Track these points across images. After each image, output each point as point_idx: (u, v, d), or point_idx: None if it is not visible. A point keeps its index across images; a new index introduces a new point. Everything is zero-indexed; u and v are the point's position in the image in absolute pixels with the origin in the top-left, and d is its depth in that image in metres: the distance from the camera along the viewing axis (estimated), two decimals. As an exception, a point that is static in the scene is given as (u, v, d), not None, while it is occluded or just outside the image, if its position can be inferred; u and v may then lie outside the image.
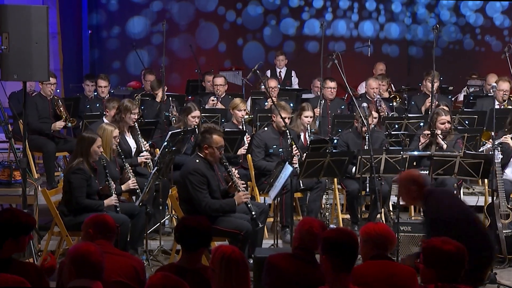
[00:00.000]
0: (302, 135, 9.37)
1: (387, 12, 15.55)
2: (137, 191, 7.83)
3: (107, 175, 7.43)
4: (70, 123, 9.91)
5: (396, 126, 9.74)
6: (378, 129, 9.13)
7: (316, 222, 5.07)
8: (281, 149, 8.83)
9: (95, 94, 11.18)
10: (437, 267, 4.19)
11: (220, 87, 10.93)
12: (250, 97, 11.33)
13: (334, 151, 8.75)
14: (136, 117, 8.74)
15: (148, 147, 8.81)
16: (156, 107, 10.47)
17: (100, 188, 7.39)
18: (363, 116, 8.21)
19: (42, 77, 7.06)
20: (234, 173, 7.45)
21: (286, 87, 12.33)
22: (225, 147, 7.57)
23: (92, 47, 14.89)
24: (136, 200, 7.77)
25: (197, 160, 7.26)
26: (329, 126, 10.41)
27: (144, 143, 8.75)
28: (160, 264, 7.58)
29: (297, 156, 8.52)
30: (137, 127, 8.74)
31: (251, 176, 8.90)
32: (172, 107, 10.12)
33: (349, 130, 9.16)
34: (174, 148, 8.03)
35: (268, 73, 12.87)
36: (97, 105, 10.78)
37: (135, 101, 9.75)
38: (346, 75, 8.42)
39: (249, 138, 9.25)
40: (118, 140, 8.05)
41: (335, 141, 9.27)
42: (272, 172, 8.29)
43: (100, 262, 4.22)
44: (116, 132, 7.93)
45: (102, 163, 7.41)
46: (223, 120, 9.90)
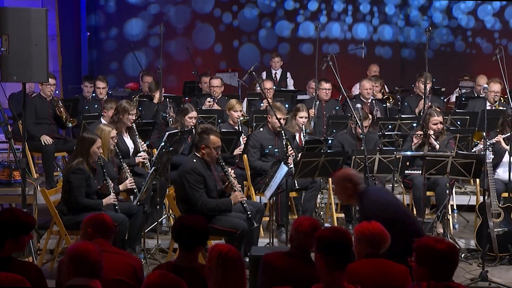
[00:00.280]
0: (297, 135, 9.37)
1: (381, 14, 15.56)
2: (134, 191, 7.83)
3: (105, 174, 7.44)
4: (70, 123, 9.93)
5: (390, 126, 9.76)
6: (372, 130, 9.14)
7: (308, 221, 5.07)
8: (276, 149, 8.84)
9: (94, 95, 11.18)
10: (429, 265, 4.19)
11: (217, 89, 10.93)
12: (246, 98, 11.34)
13: (328, 151, 8.76)
14: (134, 118, 8.75)
15: (146, 147, 8.82)
16: (154, 108, 10.48)
17: (99, 187, 7.40)
18: (357, 117, 8.22)
19: (41, 78, 7.05)
20: (231, 173, 7.48)
21: (281, 89, 12.35)
22: (221, 147, 7.58)
23: (91, 48, 14.88)
24: (134, 200, 7.77)
25: (194, 160, 7.27)
26: (323, 126, 10.42)
27: (141, 143, 8.75)
28: (157, 262, 7.58)
29: (292, 156, 8.53)
30: (134, 128, 8.74)
31: (247, 176, 8.89)
32: (169, 108, 10.12)
33: (344, 131, 9.17)
34: (171, 149, 8.02)
35: (264, 74, 12.88)
36: (95, 106, 10.78)
37: (133, 102, 9.75)
38: (340, 77, 8.42)
39: (245, 138, 9.25)
40: (116, 140, 8.05)
41: (330, 141, 9.27)
42: (267, 172, 8.32)
43: (98, 261, 4.22)
44: (113, 133, 7.93)
45: (99, 162, 7.41)
46: (219, 120, 9.90)
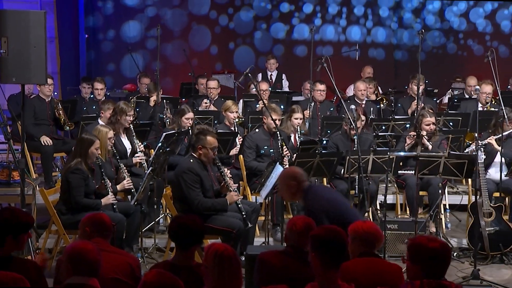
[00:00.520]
0: (292, 136, 9.38)
1: (375, 16, 15.56)
2: (132, 191, 7.83)
3: (103, 174, 7.45)
4: (68, 127, 9.93)
5: (383, 127, 9.77)
6: (367, 131, 9.14)
7: (302, 220, 5.08)
8: (272, 149, 8.85)
9: (92, 96, 11.17)
10: (422, 263, 4.20)
11: (213, 90, 10.93)
12: (242, 99, 11.34)
13: (323, 151, 8.76)
14: (131, 119, 8.75)
15: (143, 148, 8.82)
16: (150, 110, 10.47)
17: (97, 187, 7.40)
18: (351, 118, 8.23)
19: (40, 80, 7.04)
20: (227, 173, 7.48)
21: (277, 90, 12.35)
22: (217, 148, 7.58)
23: (88, 49, 14.86)
24: (132, 200, 7.78)
25: (191, 160, 7.28)
26: (318, 127, 10.43)
27: (139, 144, 8.75)
28: (154, 261, 7.58)
29: (287, 156, 8.54)
30: (132, 129, 8.75)
31: (243, 176, 8.90)
32: (166, 109, 10.12)
33: (339, 132, 9.17)
34: (168, 149, 8.03)
35: (260, 76, 12.88)
36: (93, 107, 10.77)
37: (131, 103, 9.75)
38: (334, 78, 8.43)
39: (241, 139, 9.25)
40: (113, 141, 8.05)
41: (324, 142, 9.28)
42: (263, 172, 8.32)
43: (96, 260, 4.22)
44: (110, 134, 7.94)
45: (97, 163, 7.42)
46: (215, 121, 9.90)
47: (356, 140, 8.05)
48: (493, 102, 10.55)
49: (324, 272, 4.24)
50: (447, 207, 9.22)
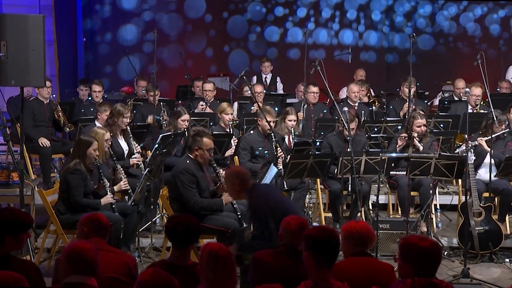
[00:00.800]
0: (286, 138, 9.37)
1: (367, 20, 15.56)
2: (129, 192, 7.82)
3: (101, 175, 7.45)
4: (68, 128, 9.93)
5: (376, 129, 9.79)
6: (360, 132, 9.15)
7: (296, 220, 5.09)
8: (266, 151, 8.85)
9: (89, 98, 11.15)
10: (413, 262, 4.21)
11: (209, 93, 10.94)
12: (237, 101, 11.33)
13: (316, 153, 8.77)
14: (128, 120, 8.75)
15: (140, 149, 8.82)
16: (148, 111, 10.47)
17: (95, 187, 7.40)
18: (344, 120, 8.24)
19: (38, 82, 7.04)
20: (222, 174, 7.48)
21: (271, 92, 12.35)
22: (213, 149, 7.58)
23: (86, 52, 14.84)
24: (129, 200, 7.77)
25: (187, 161, 7.28)
26: (312, 129, 10.43)
27: (136, 145, 8.74)
28: (151, 260, 7.57)
29: (281, 158, 8.55)
30: (129, 130, 8.74)
31: (238, 177, 8.88)
32: (163, 111, 10.11)
33: (333, 133, 9.18)
34: (164, 150, 8.03)
35: (255, 78, 12.88)
36: (91, 109, 10.74)
37: (128, 105, 9.74)
38: (328, 81, 8.44)
39: (236, 140, 9.25)
40: (110, 143, 8.04)
41: (318, 143, 9.29)
42: (258, 173, 8.31)
43: (95, 259, 4.22)
44: (107, 136, 7.93)
45: (95, 163, 7.42)
46: (211, 123, 9.90)
47: (349, 141, 8.05)
48: (482, 104, 10.57)
49: (318, 271, 4.25)
50: (438, 207, 9.24)
